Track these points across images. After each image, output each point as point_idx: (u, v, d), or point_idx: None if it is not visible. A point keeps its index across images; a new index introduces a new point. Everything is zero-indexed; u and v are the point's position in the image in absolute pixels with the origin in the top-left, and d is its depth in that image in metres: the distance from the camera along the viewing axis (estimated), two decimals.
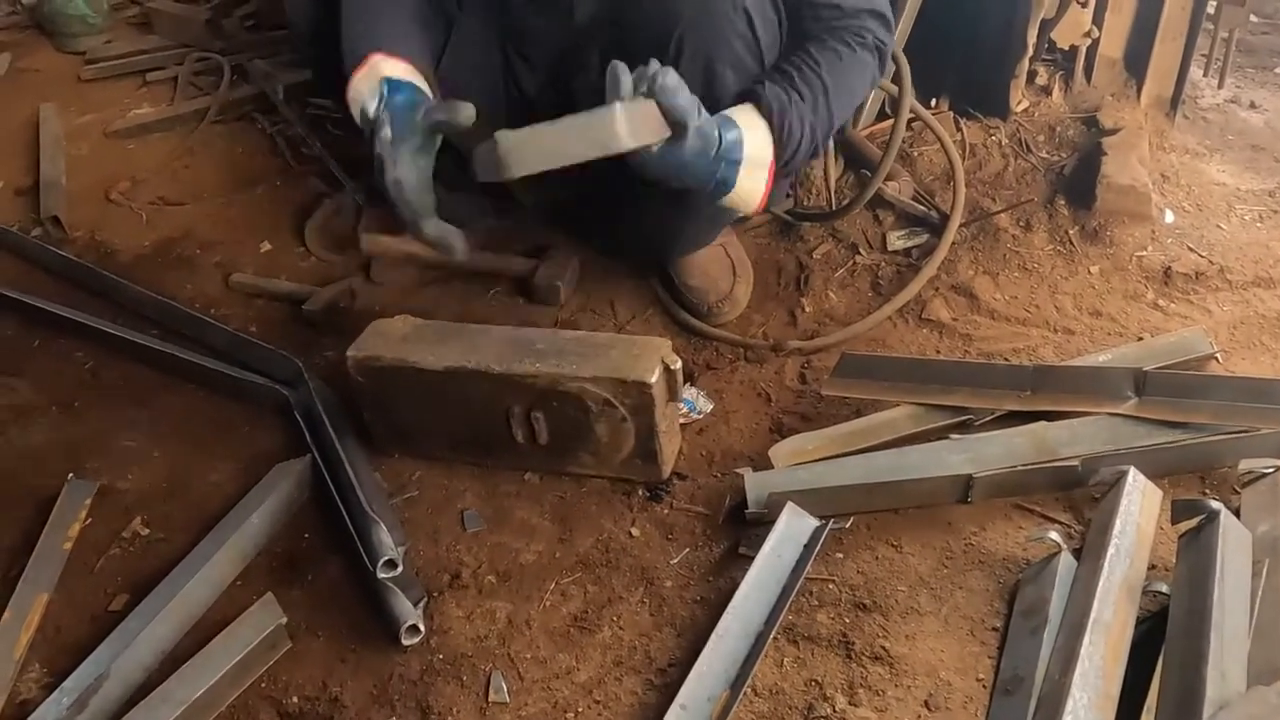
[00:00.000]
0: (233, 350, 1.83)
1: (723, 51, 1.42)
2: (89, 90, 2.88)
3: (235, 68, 2.78)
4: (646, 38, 1.40)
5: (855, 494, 1.38)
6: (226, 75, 2.75)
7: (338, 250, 2.12)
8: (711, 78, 1.42)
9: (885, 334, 1.73)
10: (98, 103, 2.79)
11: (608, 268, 1.89)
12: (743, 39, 1.42)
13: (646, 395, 1.40)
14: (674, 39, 1.41)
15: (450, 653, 1.28)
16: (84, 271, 2.08)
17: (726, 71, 1.43)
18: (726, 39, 1.41)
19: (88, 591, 1.42)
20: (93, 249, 2.19)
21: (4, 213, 2.32)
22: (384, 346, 1.51)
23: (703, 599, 1.32)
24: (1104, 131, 1.94)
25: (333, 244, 2.14)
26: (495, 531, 1.45)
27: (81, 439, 1.69)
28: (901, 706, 1.14)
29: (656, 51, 1.33)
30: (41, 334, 1.95)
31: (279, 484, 1.51)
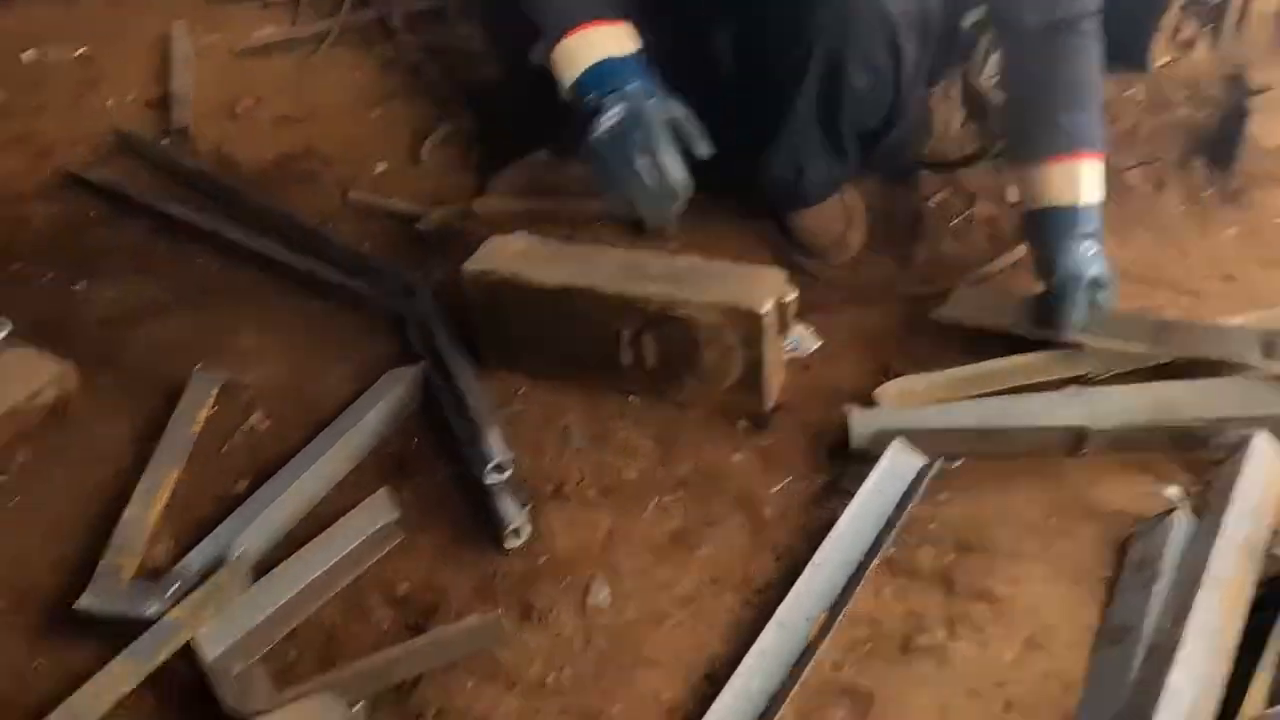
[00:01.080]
0: (348, 263, 1.89)
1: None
2: (216, 11, 2.95)
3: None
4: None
5: (963, 437, 1.36)
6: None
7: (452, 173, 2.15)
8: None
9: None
10: (224, 23, 2.87)
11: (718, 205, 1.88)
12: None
13: (758, 325, 1.40)
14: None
15: (552, 558, 1.31)
16: (209, 181, 2.16)
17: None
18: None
19: (212, 475, 1.49)
20: (218, 161, 2.27)
21: (136, 123, 2.41)
22: (499, 261, 1.54)
23: (802, 528, 1.32)
24: (1251, 90, 1.85)
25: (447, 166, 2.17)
26: (597, 449, 1.47)
27: (207, 336, 1.77)
28: (1003, 643, 1.14)
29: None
30: (169, 238, 2.04)
31: (391, 389, 1.56)
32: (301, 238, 1.98)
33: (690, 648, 1.19)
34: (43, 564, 1.37)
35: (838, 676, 1.13)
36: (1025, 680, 1.10)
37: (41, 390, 1.61)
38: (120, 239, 2.06)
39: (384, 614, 1.27)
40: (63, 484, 1.50)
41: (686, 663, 1.17)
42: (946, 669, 1.12)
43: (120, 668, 1.17)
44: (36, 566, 1.37)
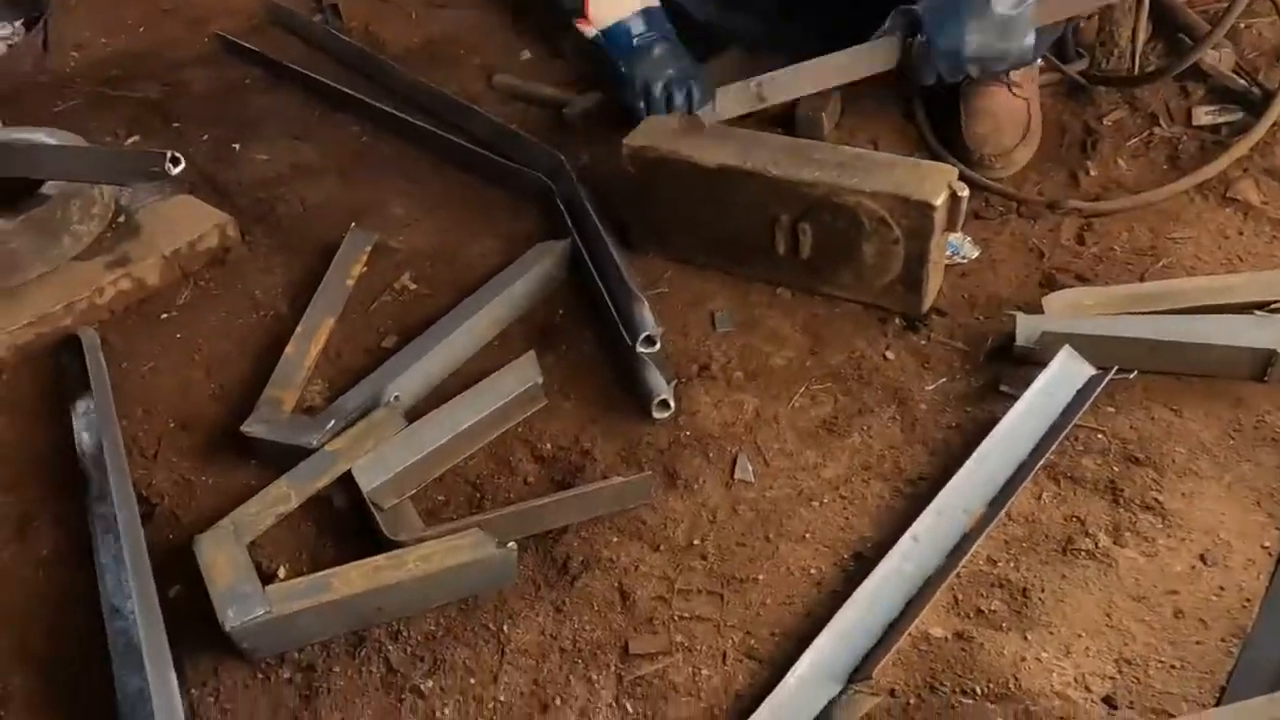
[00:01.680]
0: (496, 140, 1.89)
1: None
2: None
3: None
4: None
5: (1137, 349, 1.29)
6: None
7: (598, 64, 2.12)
8: None
9: (1180, 209, 1.59)
10: None
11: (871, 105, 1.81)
12: None
13: (928, 218, 1.35)
14: None
15: (697, 431, 1.30)
16: (359, 55, 2.18)
17: None
18: None
19: (364, 328, 1.53)
20: (366, 39, 2.29)
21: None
22: (660, 138, 1.51)
23: (958, 426, 1.28)
24: None
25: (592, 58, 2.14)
26: (745, 334, 1.45)
27: (358, 201, 1.80)
28: (1173, 555, 1.09)
29: None
30: (322, 107, 2.07)
31: (540, 260, 1.56)
32: (449, 113, 1.99)
33: (839, 528, 1.17)
34: (205, 393, 1.43)
35: (993, 570, 1.10)
36: (1198, 592, 1.06)
37: (205, 236, 1.66)
38: (275, 105, 2.11)
39: (529, 469, 1.29)
40: (224, 323, 1.55)
41: (835, 541, 1.16)
42: (1110, 573, 1.08)
43: (282, 488, 1.21)
44: (200, 394, 1.43)
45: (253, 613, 1.04)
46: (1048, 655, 1.01)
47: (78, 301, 1.53)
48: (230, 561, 1.10)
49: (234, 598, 1.05)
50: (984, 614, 1.06)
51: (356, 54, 2.21)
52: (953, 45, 1.48)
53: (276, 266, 1.67)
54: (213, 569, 1.09)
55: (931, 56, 1.51)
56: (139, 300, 1.59)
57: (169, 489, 1.28)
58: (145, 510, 1.23)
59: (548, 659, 1.05)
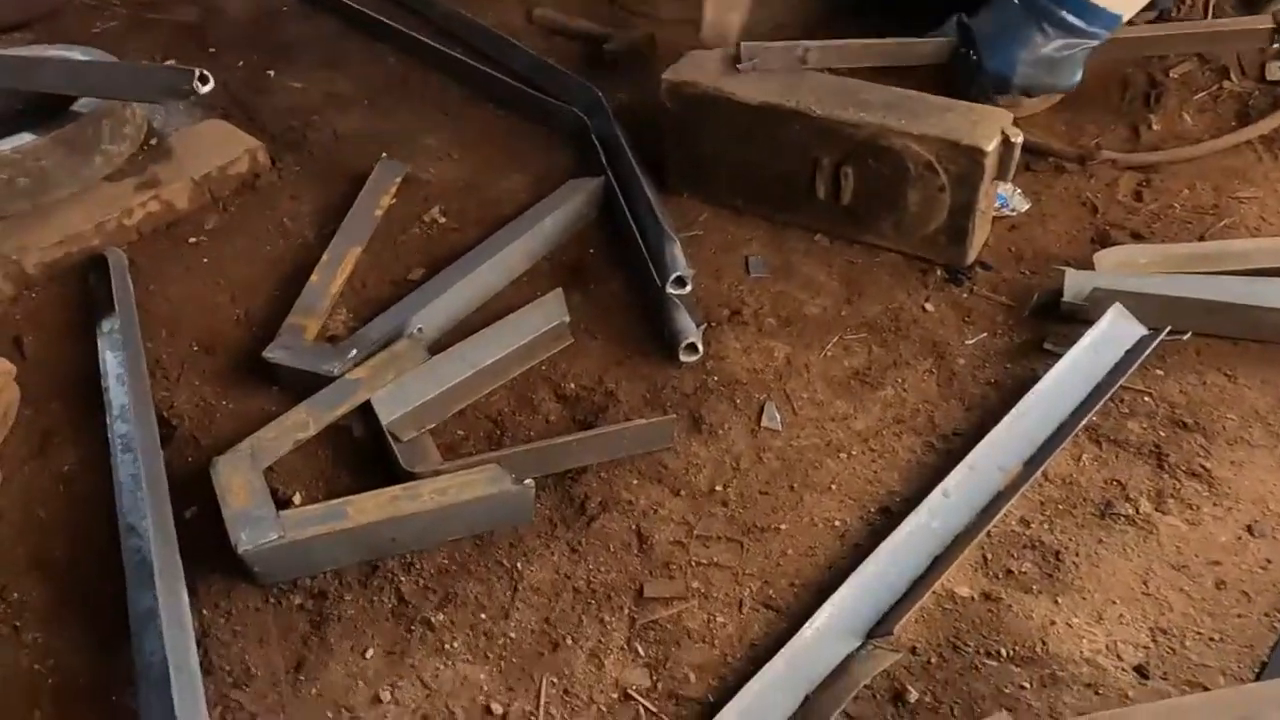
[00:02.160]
0: (533, 74, 1.84)
1: None
2: None
3: None
4: None
5: (1192, 310, 1.23)
6: None
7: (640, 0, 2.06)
8: None
9: (1246, 166, 1.52)
10: None
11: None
12: None
13: (978, 164, 1.29)
14: None
15: (725, 377, 1.27)
16: None
17: None
18: None
19: (390, 259, 1.50)
20: None
21: None
22: (701, 74, 1.46)
23: (997, 382, 1.23)
24: None
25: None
26: (779, 281, 1.41)
27: (390, 132, 1.76)
28: (1218, 524, 1.04)
29: None
30: (357, 35, 2.03)
31: (572, 197, 1.52)
32: (486, 46, 1.94)
33: (866, 480, 1.14)
34: (229, 318, 1.42)
35: (1025, 531, 1.06)
36: (1243, 564, 1.01)
37: (235, 161, 1.64)
38: (311, 33, 2.07)
39: (551, 408, 1.26)
40: (250, 249, 1.53)
41: (861, 494, 1.12)
42: (1150, 540, 1.04)
43: (302, 415, 1.20)
44: (224, 319, 1.41)
45: (266, 537, 1.03)
46: (1079, 620, 0.97)
47: (107, 221, 1.52)
48: (246, 485, 1.09)
49: (248, 521, 1.04)
50: (1014, 575, 1.02)
51: None
52: (1001, 71, 1.46)
53: (305, 194, 1.64)
54: (228, 492, 1.08)
55: (980, 75, 1.47)
56: (168, 223, 1.57)
57: (190, 411, 1.27)
58: (165, 431, 1.22)
59: (560, 598, 1.03)
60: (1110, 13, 1.43)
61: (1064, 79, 1.47)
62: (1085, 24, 1.43)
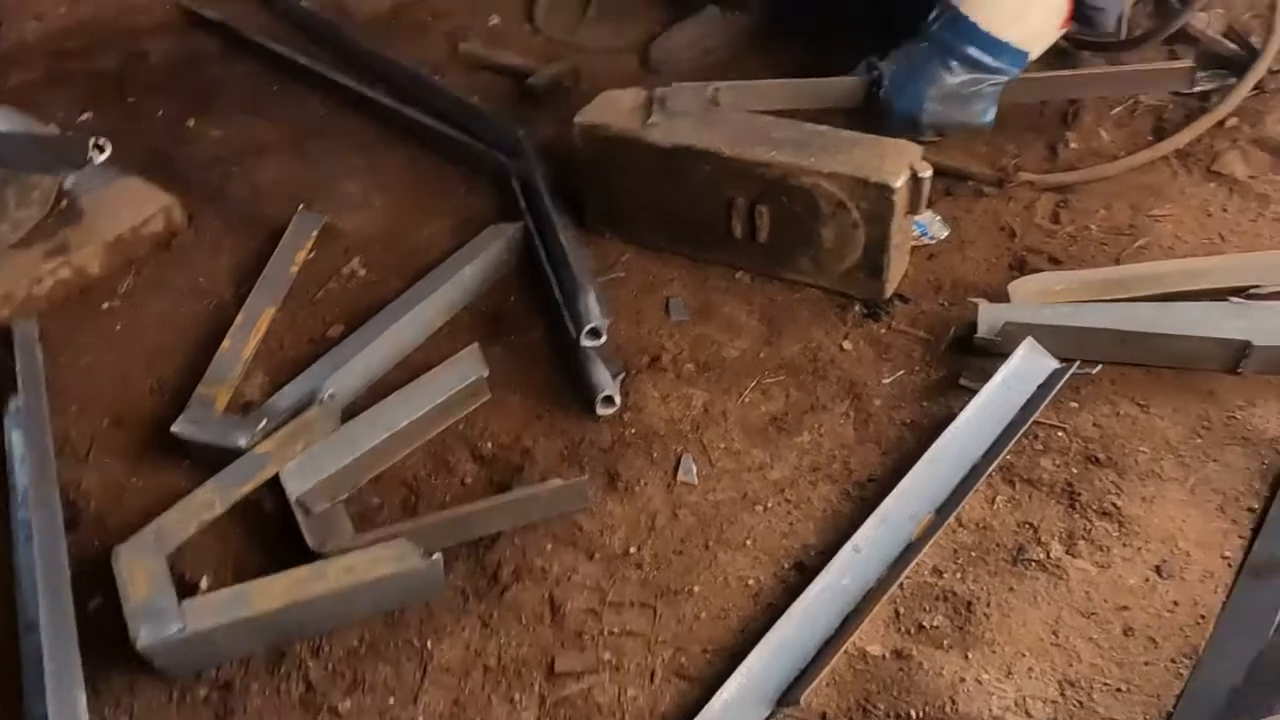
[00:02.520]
0: (456, 114, 1.82)
1: None
2: None
3: None
4: None
5: (1104, 340, 1.23)
6: None
7: (566, 31, 2.05)
8: None
9: (1161, 183, 1.52)
10: None
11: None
12: None
13: (887, 201, 1.28)
14: None
15: (642, 429, 1.25)
16: (322, 25, 2.11)
17: None
18: None
19: (308, 317, 1.48)
20: (332, 6, 2.21)
21: None
22: (613, 115, 1.44)
23: (913, 422, 1.23)
24: None
25: (561, 24, 2.07)
26: (699, 323, 1.39)
27: (310, 180, 1.74)
28: (1128, 566, 1.04)
29: None
30: (281, 79, 2.00)
31: (491, 244, 1.51)
32: (411, 87, 1.91)
33: (781, 534, 1.13)
34: (142, 388, 1.39)
35: (937, 582, 1.05)
36: (1151, 607, 1.01)
37: (149, 221, 1.61)
38: (233, 78, 2.04)
39: (468, 469, 1.25)
40: (165, 313, 1.51)
41: (776, 549, 1.11)
42: (1060, 586, 1.03)
43: (208, 494, 1.17)
44: (137, 389, 1.39)
45: (167, 630, 1.01)
46: (988, 676, 0.96)
47: (14, 293, 1.48)
48: (148, 574, 1.06)
49: (148, 613, 1.02)
50: (925, 630, 1.01)
51: (320, 23, 2.13)
52: (910, 110, 1.46)
53: (224, 251, 1.62)
54: (129, 582, 1.05)
55: (890, 115, 1.47)
56: (80, 290, 1.54)
57: (98, 491, 1.24)
58: (71, 515, 1.19)
59: (470, 677, 1.02)
60: (1017, 50, 1.43)
61: (975, 116, 1.47)
62: (992, 60, 1.43)
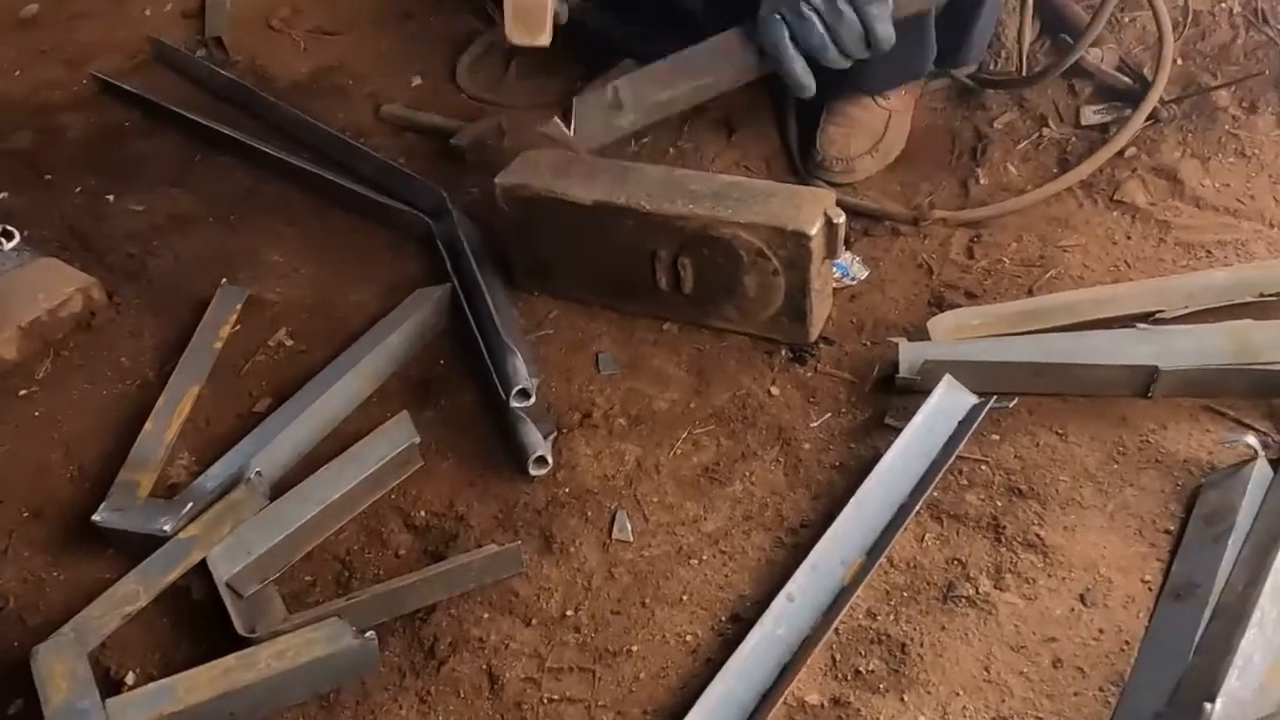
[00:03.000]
0: (380, 178, 1.82)
1: None
2: None
3: None
4: None
5: (1020, 373, 1.26)
6: None
7: (488, 88, 2.07)
8: None
9: (1068, 214, 1.57)
10: None
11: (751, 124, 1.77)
12: None
13: (804, 248, 1.31)
14: None
15: (576, 488, 1.25)
16: (243, 92, 2.10)
17: None
18: None
19: (234, 392, 1.46)
20: (252, 73, 2.21)
21: (172, 32, 2.36)
22: (533, 175, 1.46)
23: (841, 465, 1.24)
24: None
25: (483, 82, 2.09)
26: (629, 377, 1.40)
27: (234, 251, 1.72)
28: (1053, 597, 1.06)
29: None
30: (203, 149, 1.99)
31: (418, 308, 1.50)
32: (333, 150, 1.92)
33: (717, 586, 1.13)
34: (62, 476, 1.36)
35: (871, 625, 1.06)
36: (1077, 637, 1.03)
37: (67, 302, 1.58)
38: (153, 150, 2.02)
39: (402, 540, 1.23)
40: (85, 397, 1.48)
41: (712, 602, 1.11)
42: (990, 621, 1.05)
43: (132, 585, 1.15)
44: (58, 478, 1.35)
45: None
46: (925, 719, 0.97)
47: None
48: (68, 673, 1.03)
49: (69, 715, 0.99)
50: (862, 675, 1.02)
51: (240, 90, 2.12)
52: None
53: (146, 329, 1.59)
54: (48, 684, 1.02)
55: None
56: None
57: (17, 588, 1.21)
58: None
59: None
60: None
61: None
62: None
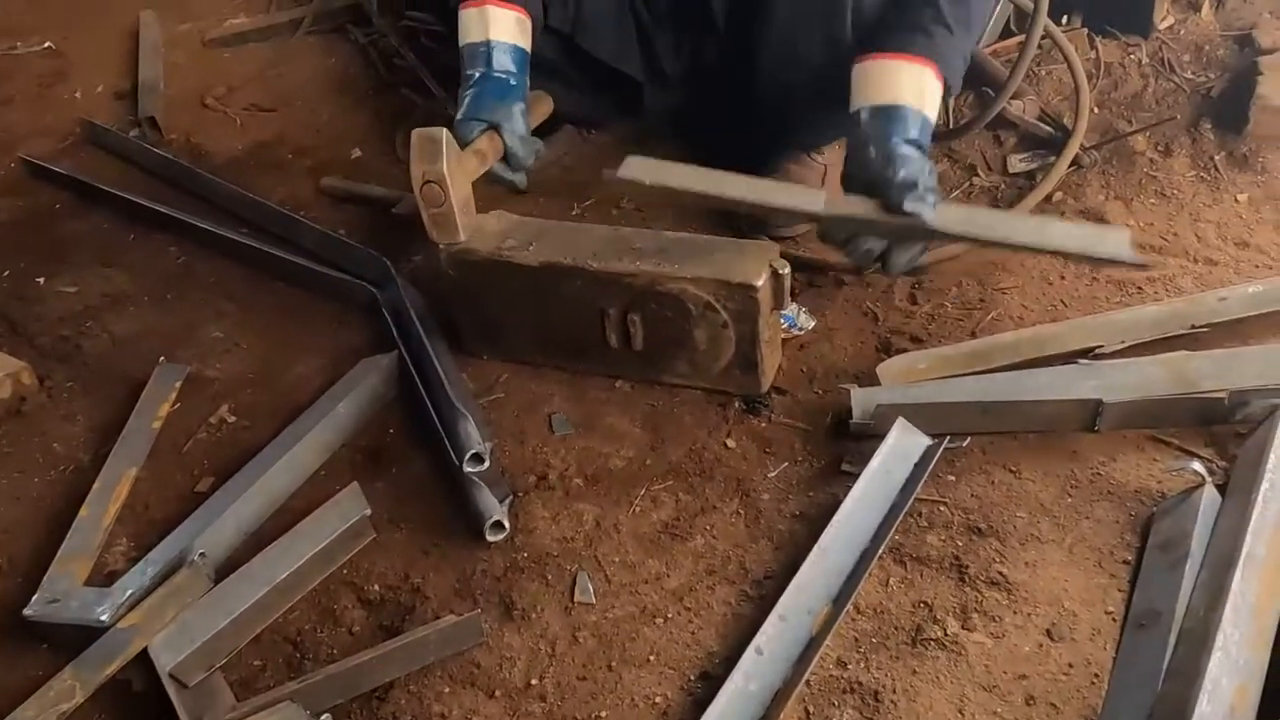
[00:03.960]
0: (322, 249, 1.80)
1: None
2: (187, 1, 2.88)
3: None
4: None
5: (970, 413, 1.28)
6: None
7: None
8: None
9: (1004, 258, 1.61)
10: (196, 12, 2.79)
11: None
12: None
13: (751, 299, 1.32)
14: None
15: (535, 552, 1.23)
16: (178, 170, 2.08)
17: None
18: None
19: (174, 472, 1.41)
20: (187, 151, 2.19)
21: (104, 114, 2.33)
22: (478, 239, 1.45)
23: (801, 514, 1.24)
24: (1260, 51, 1.77)
25: None
26: (584, 436, 1.39)
27: (172, 329, 1.69)
28: (1021, 634, 1.06)
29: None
30: (137, 228, 1.95)
31: (365, 377, 1.48)
32: (272, 224, 1.90)
33: (684, 645, 1.11)
34: None
35: (843, 674, 1.05)
36: (1047, 673, 1.02)
37: None
38: (86, 231, 1.98)
39: (355, 616, 1.19)
40: (16, 485, 1.41)
41: (680, 661, 1.09)
42: (961, 663, 1.04)
43: (67, 681, 1.08)
44: None
45: None
46: None
47: None
48: None
49: None
50: None
51: (175, 168, 2.10)
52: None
53: (79, 413, 1.54)
54: None
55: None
56: None
57: None
58: None
59: None
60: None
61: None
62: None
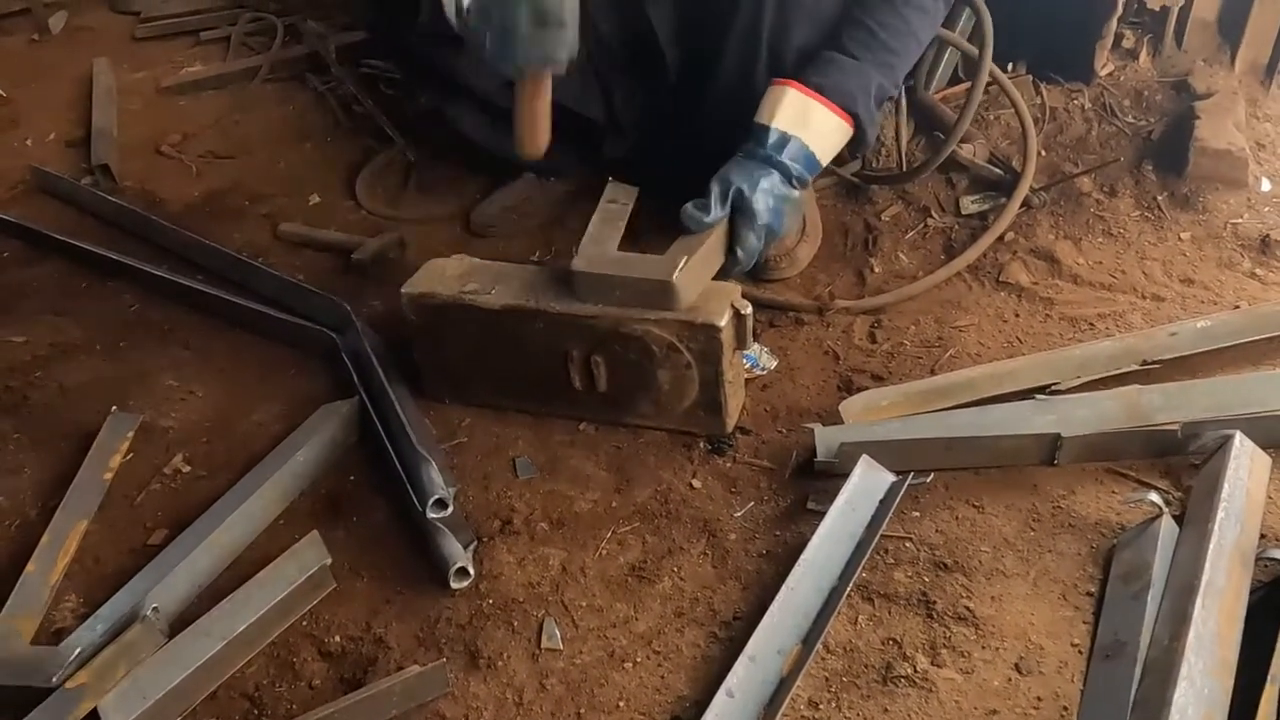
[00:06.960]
0: (280, 295, 1.78)
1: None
2: (142, 48, 2.87)
3: (288, 27, 2.76)
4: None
5: (933, 449, 1.29)
6: (279, 35, 2.73)
7: (388, 204, 2.08)
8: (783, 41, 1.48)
9: (959, 296, 1.64)
10: (151, 60, 2.78)
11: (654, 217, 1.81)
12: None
13: (715, 340, 1.33)
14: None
15: (501, 598, 1.21)
16: (132, 217, 2.05)
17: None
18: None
19: (126, 524, 1.37)
20: (142, 198, 2.17)
21: (56, 163, 2.31)
22: (439, 283, 1.45)
23: (769, 553, 1.24)
24: (1196, 96, 1.84)
25: (382, 198, 2.10)
26: (548, 479, 1.38)
27: (125, 378, 1.65)
28: (990, 669, 1.06)
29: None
30: (89, 276, 1.92)
31: (325, 424, 1.45)
32: (229, 271, 1.87)
33: (654, 690, 1.09)
34: None
35: (815, 714, 1.04)
36: (1018, 707, 1.02)
37: None
38: (35, 280, 1.94)
39: (316, 669, 1.16)
40: None
41: (650, 707, 1.07)
42: (932, 700, 1.04)
43: None
44: None
45: None
46: None
47: None
48: None
49: None
50: None
51: (129, 215, 2.07)
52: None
53: (27, 465, 1.49)
54: None
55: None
56: None
57: None
58: None
59: None
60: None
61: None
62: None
